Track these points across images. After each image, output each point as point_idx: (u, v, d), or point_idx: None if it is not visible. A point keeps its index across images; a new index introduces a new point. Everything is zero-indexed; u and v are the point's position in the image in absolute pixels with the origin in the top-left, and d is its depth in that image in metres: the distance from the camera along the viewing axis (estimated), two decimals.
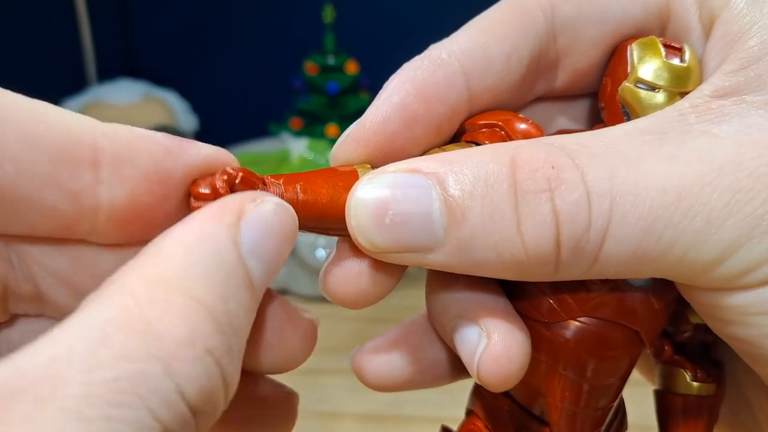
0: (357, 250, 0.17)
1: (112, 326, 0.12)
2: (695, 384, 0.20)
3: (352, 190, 0.16)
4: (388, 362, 0.20)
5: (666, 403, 0.21)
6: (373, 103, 0.18)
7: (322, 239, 0.70)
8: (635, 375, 0.23)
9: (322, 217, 0.17)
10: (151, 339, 0.12)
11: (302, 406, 0.21)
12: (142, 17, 1.00)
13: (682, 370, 0.20)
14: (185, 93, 0.86)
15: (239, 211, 0.14)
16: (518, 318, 0.18)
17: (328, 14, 0.74)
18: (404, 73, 0.18)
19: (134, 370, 0.11)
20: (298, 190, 0.17)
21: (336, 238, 0.18)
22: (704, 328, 0.20)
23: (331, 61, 0.73)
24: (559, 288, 0.18)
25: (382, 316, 0.22)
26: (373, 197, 0.16)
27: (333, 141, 0.72)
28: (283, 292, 0.73)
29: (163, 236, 0.14)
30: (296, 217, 0.16)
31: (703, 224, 0.15)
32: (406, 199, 0.15)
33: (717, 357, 0.21)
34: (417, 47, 0.19)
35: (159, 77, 0.88)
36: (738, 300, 0.15)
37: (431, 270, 0.19)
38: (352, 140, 0.18)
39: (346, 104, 0.73)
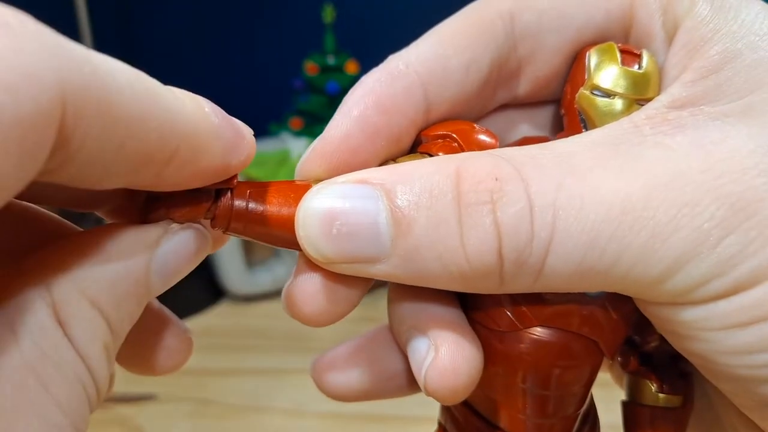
0: (313, 269, 0.17)
1: (41, 323, 0.13)
2: (661, 396, 0.20)
3: (301, 200, 0.16)
4: (345, 373, 0.20)
5: (632, 414, 0.21)
6: (334, 117, 0.18)
7: None
8: (606, 376, 0.23)
9: (270, 228, 0.17)
10: (68, 336, 0.14)
11: (302, 406, 0.21)
12: (142, 17, 1.00)
13: (648, 382, 0.20)
14: None
15: (162, 232, 0.16)
16: (470, 331, 0.18)
17: (328, 14, 0.74)
18: (363, 85, 0.18)
19: (69, 358, 0.13)
20: (248, 199, 0.17)
21: None
22: None
23: (331, 61, 0.73)
24: (515, 298, 0.18)
25: (378, 316, 0.22)
26: (321, 207, 0.16)
27: None
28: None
29: (93, 232, 0.15)
30: (208, 238, 0.17)
31: (648, 239, 0.14)
32: (353, 210, 0.15)
33: (685, 368, 0.21)
34: None
35: (159, 77, 0.88)
36: (689, 315, 0.15)
37: (391, 283, 0.19)
38: (316, 155, 0.18)
39: None
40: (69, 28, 0.91)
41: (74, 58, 0.12)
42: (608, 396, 0.22)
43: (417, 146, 0.19)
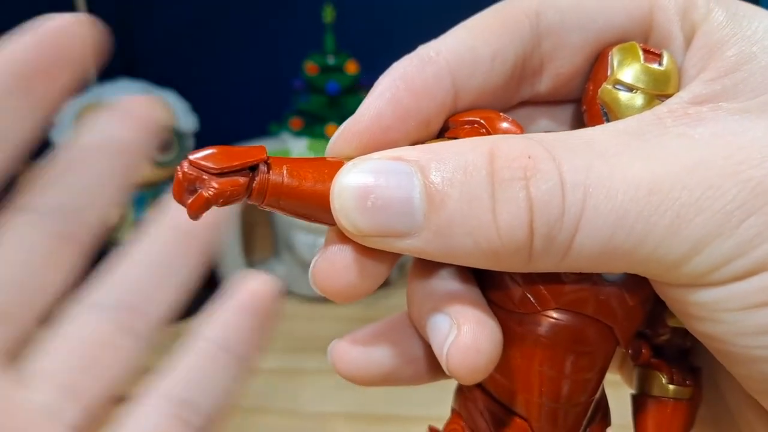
0: (344, 243, 0.18)
1: None
2: (671, 387, 0.20)
3: (337, 174, 0.17)
4: (365, 354, 0.21)
5: (641, 405, 0.21)
6: (365, 99, 0.19)
7: (322, 239, 0.70)
8: (616, 376, 0.23)
9: (304, 202, 0.17)
10: None
11: (302, 406, 0.21)
12: (142, 17, 1.00)
13: (658, 373, 0.21)
14: (185, 93, 0.86)
15: None
16: (490, 311, 0.19)
17: (328, 14, 0.74)
18: (394, 70, 0.19)
19: None
20: (284, 173, 0.17)
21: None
22: (682, 333, 0.20)
23: (331, 61, 0.73)
24: (533, 280, 0.18)
25: (380, 315, 0.22)
26: (357, 180, 0.16)
27: None
28: (284, 292, 0.73)
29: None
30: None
31: (673, 219, 0.15)
32: (388, 184, 0.16)
33: (695, 363, 0.21)
34: (417, 47, 0.19)
35: (159, 77, 0.88)
36: (708, 296, 0.16)
37: (413, 264, 0.20)
38: (348, 134, 0.18)
39: (346, 104, 0.73)
40: None
41: None
42: (615, 395, 0.22)
43: (444, 132, 0.19)
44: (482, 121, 0.19)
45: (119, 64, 0.97)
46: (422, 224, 0.16)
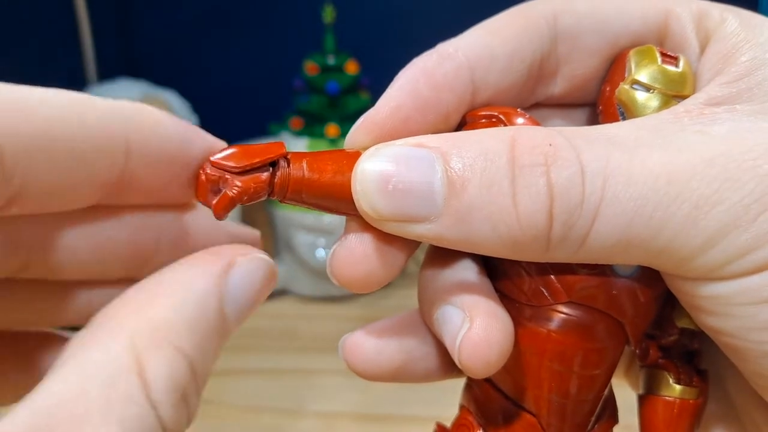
0: (363, 231, 0.18)
1: (118, 370, 0.13)
2: (678, 387, 0.20)
3: (359, 158, 0.17)
4: (377, 348, 0.21)
5: (648, 405, 0.21)
6: (386, 91, 0.19)
7: (322, 239, 0.70)
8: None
9: (325, 194, 0.17)
10: (144, 384, 0.14)
11: (302, 406, 0.21)
12: (142, 17, 1.00)
13: (666, 373, 0.21)
14: (185, 93, 0.86)
15: (228, 264, 0.16)
16: (501, 304, 0.19)
17: (328, 14, 0.74)
18: (415, 64, 0.19)
19: (136, 412, 0.13)
20: (305, 167, 0.17)
21: (335, 236, 0.19)
22: (690, 334, 0.21)
23: (331, 61, 0.73)
24: (547, 272, 0.19)
25: (380, 315, 0.22)
26: (379, 165, 0.16)
27: (333, 141, 0.72)
28: (283, 292, 0.73)
29: (161, 277, 0.16)
30: (274, 270, 0.17)
31: (691, 209, 0.15)
32: (409, 169, 0.16)
33: (702, 365, 0.21)
34: (417, 47, 0.20)
35: (159, 77, 0.88)
36: (721, 290, 0.16)
37: (426, 257, 0.20)
38: (369, 124, 0.19)
39: (346, 104, 0.73)
40: (69, 28, 0.91)
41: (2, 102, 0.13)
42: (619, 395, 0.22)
43: (462, 127, 0.20)
44: (500, 116, 0.19)
45: (119, 64, 0.97)
46: (442, 209, 0.16)
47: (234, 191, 0.17)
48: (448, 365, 0.21)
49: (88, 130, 0.14)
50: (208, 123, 0.95)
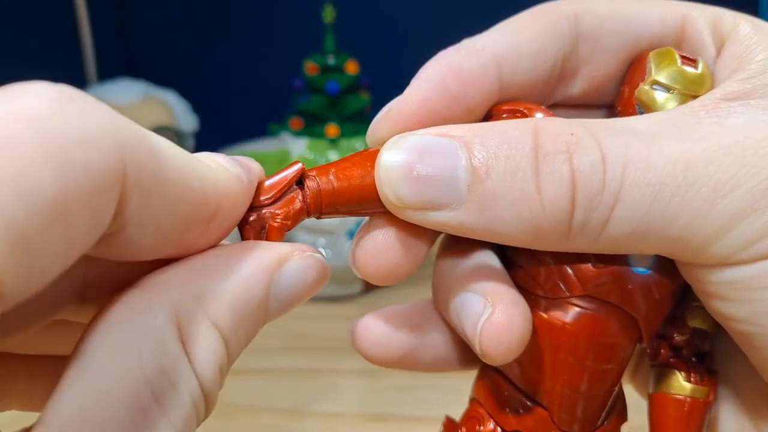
0: (387, 224, 0.18)
1: (165, 337, 0.14)
2: (688, 385, 0.20)
3: (383, 146, 0.17)
4: (387, 332, 0.21)
5: (658, 403, 0.21)
6: (412, 83, 0.19)
7: (322, 239, 0.70)
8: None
9: (357, 199, 0.18)
10: (188, 354, 0.14)
11: (303, 406, 0.21)
12: (142, 17, 1.00)
13: (676, 371, 0.21)
14: (185, 93, 0.86)
15: (284, 257, 0.17)
16: (520, 294, 0.19)
17: (328, 14, 0.74)
18: (441, 59, 0.19)
19: (185, 378, 0.14)
20: (332, 179, 0.18)
21: (333, 236, 0.19)
22: (701, 335, 0.21)
23: (331, 61, 0.73)
24: (563, 263, 0.19)
25: None
26: (403, 153, 0.17)
27: (333, 141, 0.72)
28: None
29: (209, 255, 0.16)
30: (328, 271, 0.18)
31: (709, 194, 0.16)
32: (433, 156, 0.16)
33: (712, 365, 0.21)
34: (417, 47, 0.20)
35: (159, 77, 0.88)
36: (737, 275, 0.16)
37: (441, 246, 0.21)
38: (394, 115, 0.19)
39: (346, 104, 0.73)
40: (69, 28, 0.91)
41: (128, 123, 0.13)
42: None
43: (486, 121, 0.20)
44: (523, 110, 0.19)
45: (119, 64, 0.98)
46: (465, 196, 0.16)
47: (277, 221, 0.17)
48: (455, 356, 0.22)
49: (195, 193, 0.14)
50: (208, 123, 0.95)
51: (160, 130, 0.18)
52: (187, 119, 0.85)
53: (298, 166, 0.18)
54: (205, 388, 0.15)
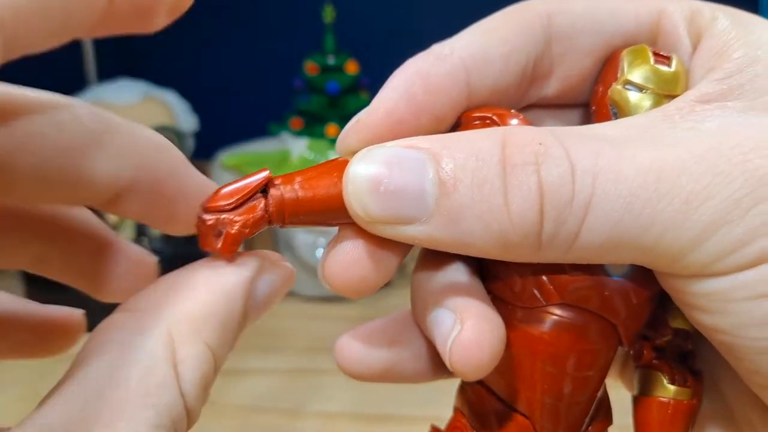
0: (356, 236, 0.18)
1: (156, 359, 0.15)
2: (672, 387, 0.20)
3: (351, 160, 0.17)
4: (366, 349, 0.21)
5: (642, 406, 0.21)
6: (379, 93, 0.19)
7: (322, 239, 0.70)
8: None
9: (323, 209, 0.17)
10: (177, 374, 0.15)
11: (302, 406, 0.21)
12: None
13: (660, 373, 0.21)
14: (185, 93, 0.86)
15: (259, 268, 0.17)
16: (493, 306, 0.19)
17: (328, 14, 0.74)
18: (408, 66, 0.19)
19: (169, 400, 0.14)
20: (297, 188, 0.17)
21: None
22: (684, 335, 0.20)
23: (331, 61, 0.73)
24: (538, 273, 0.18)
25: (380, 315, 0.22)
26: (371, 166, 0.16)
27: (333, 141, 0.71)
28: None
29: (194, 271, 0.17)
30: (294, 278, 0.18)
31: (681, 205, 0.15)
32: (401, 170, 0.16)
33: (696, 366, 0.21)
34: (417, 47, 0.20)
35: (159, 77, 0.88)
36: (715, 286, 0.16)
37: (418, 259, 0.20)
38: (362, 126, 0.19)
39: (346, 104, 0.73)
40: None
41: None
42: (614, 395, 0.22)
43: (456, 129, 0.20)
44: (494, 117, 0.19)
45: (119, 64, 0.97)
46: (433, 210, 0.16)
47: (235, 228, 0.17)
48: (439, 366, 0.21)
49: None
50: (208, 123, 0.95)
51: (160, 130, 0.18)
52: (187, 119, 0.85)
53: (264, 174, 0.17)
54: (189, 406, 0.15)
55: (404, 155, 0.16)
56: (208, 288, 0.16)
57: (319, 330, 0.65)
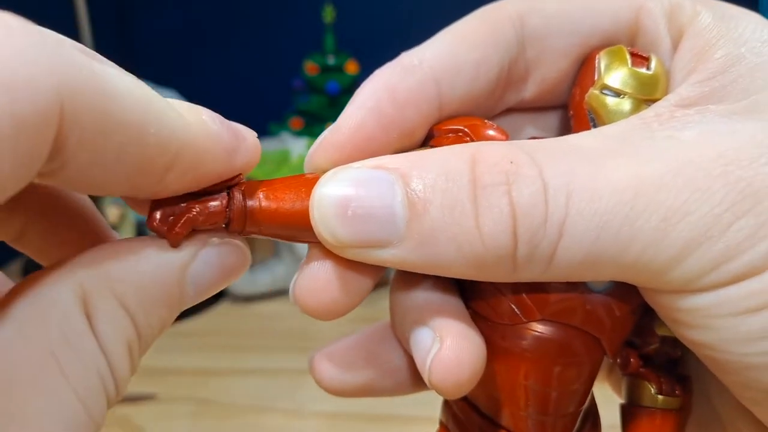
0: (326, 257, 0.17)
1: (70, 310, 0.14)
2: (660, 397, 0.20)
3: (317, 183, 0.16)
4: (342, 367, 0.20)
5: (630, 416, 0.21)
6: (346, 107, 0.18)
7: None
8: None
9: (286, 224, 0.17)
10: (93, 327, 0.14)
11: (302, 406, 0.21)
12: (142, 17, 1.00)
13: (647, 383, 0.20)
14: (185, 93, 0.86)
15: (199, 245, 0.16)
16: (473, 324, 0.18)
17: (328, 14, 0.74)
18: (376, 79, 0.18)
19: (89, 349, 0.14)
20: (261, 198, 0.17)
21: None
22: (671, 342, 0.20)
23: (331, 61, 0.74)
24: (518, 290, 0.18)
25: (380, 315, 0.22)
26: (337, 190, 0.16)
27: None
28: (284, 292, 0.73)
29: (124, 242, 0.16)
30: (247, 257, 0.17)
31: (660, 222, 0.15)
32: (368, 193, 0.15)
33: (684, 372, 0.21)
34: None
35: (159, 77, 0.88)
36: (698, 302, 0.15)
37: (395, 276, 0.20)
38: (329, 144, 0.18)
39: (346, 104, 0.73)
40: (69, 28, 0.91)
41: (74, 62, 0.12)
42: (604, 395, 0.22)
43: (428, 141, 0.19)
44: (466, 129, 0.18)
45: (119, 64, 0.97)
46: (404, 233, 0.15)
47: (189, 214, 0.16)
48: (420, 379, 0.20)
49: (145, 138, 0.14)
50: None
51: None
52: None
53: (234, 178, 0.17)
54: (112, 364, 0.14)
55: (372, 176, 0.16)
56: (133, 253, 0.15)
57: (319, 330, 0.65)
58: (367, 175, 0.16)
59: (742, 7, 0.18)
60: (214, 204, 0.16)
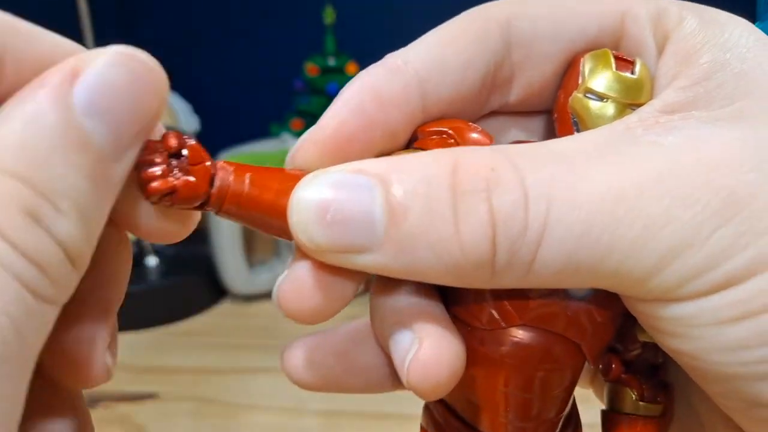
0: (309, 261, 0.17)
1: None
2: (641, 404, 0.20)
3: (295, 187, 0.16)
4: (307, 362, 0.20)
5: (612, 422, 0.21)
6: (329, 107, 0.18)
7: None
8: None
9: (266, 213, 0.17)
10: None
11: (302, 406, 0.21)
12: (143, 18, 1.00)
13: (629, 390, 0.20)
14: (186, 94, 0.86)
15: (73, 70, 0.14)
16: (453, 327, 0.18)
17: (329, 16, 0.74)
18: (361, 79, 0.18)
19: None
20: (247, 181, 0.17)
21: None
22: (653, 348, 0.20)
23: (331, 62, 0.74)
24: (499, 295, 0.18)
25: None
26: (316, 194, 0.15)
27: None
28: None
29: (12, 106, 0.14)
30: (152, 67, 0.15)
31: (641, 230, 0.14)
32: (348, 198, 0.15)
33: (666, 378, 0.21)
34: None
35: None
36: (679, 311, 0.15)
37: (376, 279, 0.19)
38: (310, 143, 0.18)
39: None
40: (70, 27, 0.91)
41: None
42: (587, 395, 0.22)
43: (412, 143, 0.19)
44: (450, 131, 0.18)
45: None
46: (383, 239, 0.15)
47: (180, 180, 0.16)
48: (391, 379, 0.20)
49: None
50: (209, 124, 0.96)
51: None
52: (188, 120, 0.85)
53: (219, 162, 0.17)
54: (12, 240, 0.12)
55: (351, 181, 0.15)
56: (6, 113, 0.13)
57: (318, 328, 0.65)
58: (347, 180, 0.15)
59: (739, 8, 0.18)
60: (194, 182, 0.16)
